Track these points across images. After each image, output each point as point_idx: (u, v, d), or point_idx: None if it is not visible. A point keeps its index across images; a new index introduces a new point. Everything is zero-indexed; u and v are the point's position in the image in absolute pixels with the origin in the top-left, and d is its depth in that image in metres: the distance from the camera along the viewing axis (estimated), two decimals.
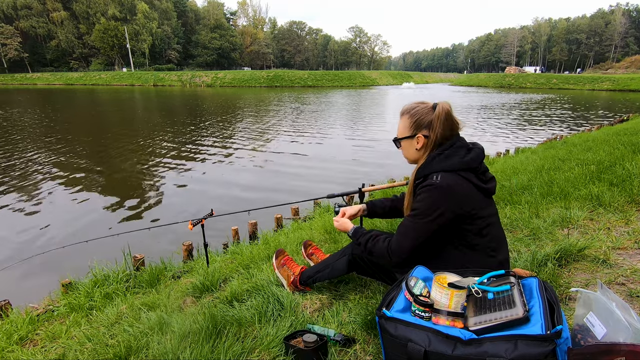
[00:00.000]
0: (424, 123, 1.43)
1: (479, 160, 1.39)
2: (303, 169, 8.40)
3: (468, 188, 1.35)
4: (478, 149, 1.43)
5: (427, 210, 1.34)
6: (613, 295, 1.11)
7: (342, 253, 1.73)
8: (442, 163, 1.37)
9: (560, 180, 3.34)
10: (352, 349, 1.42)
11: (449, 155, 1.38)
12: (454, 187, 1.33)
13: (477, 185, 1.37)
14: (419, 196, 1.39)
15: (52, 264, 4.26)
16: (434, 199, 1.33)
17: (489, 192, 1.42)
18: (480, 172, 1.40)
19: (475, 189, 1.37)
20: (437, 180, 1.34)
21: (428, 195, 1.34)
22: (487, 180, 1.43)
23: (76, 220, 5.51)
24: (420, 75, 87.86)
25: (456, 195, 1.33)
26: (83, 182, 7.28)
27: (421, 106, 1.46)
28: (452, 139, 1.42)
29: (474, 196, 1.36)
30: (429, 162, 1.41)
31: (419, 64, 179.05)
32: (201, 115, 18.32)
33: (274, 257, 1.98)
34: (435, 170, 1.37)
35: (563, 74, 62.13)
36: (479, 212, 1.36)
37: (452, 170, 1.35)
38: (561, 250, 1.96)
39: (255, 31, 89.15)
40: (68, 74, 59.97)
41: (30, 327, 2.10)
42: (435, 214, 1.33)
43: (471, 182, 1.36)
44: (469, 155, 1.38)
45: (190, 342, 1.42)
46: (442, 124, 1.39)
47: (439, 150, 1.41)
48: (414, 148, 1.48)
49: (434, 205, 1.33)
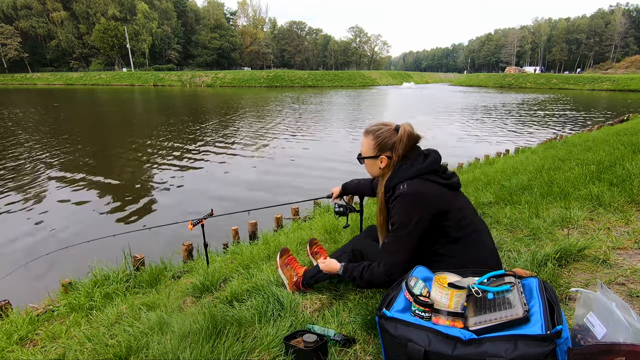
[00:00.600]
0: (388, 145, 1.53)
1: (437, 163, 1.50)
2: (303, 169, 8.41)
3: (435, 188, 1.45)
4: (434, 152, 1.54)
5: (405, 220, 1.42)
6: (613, 295, 1.11)
7: (342, 251, 1.75)
8: (406, 172, 1.47)
9: (560, 180, 3.34)
10: (352, 349, 1.42)
11: (411, 165, 1.48)
12: (422, 191, 1.42)
13: (439, 182, 1.46)
14: (393, 210, 1.47)
15: (52, 264, 4.26)
16: (408, 208, 1.42)
17: (453, 186, 1.51)
18: (440, 171, 1.50)
19: (440, 185, 1.46)
20: (404, 189, 1.43)
21: (401, 205, 1.43)
22: (448, 177, 1.52)
23: (76, 220, 5.51)
24: (420, 75, 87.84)
25: (426, 198, 1.42)
26: (83, 182, 7.28)
27: (384, 128, 1.55)
28: (412, 151, 1.52)
29: (442, 193, 1.45)
30: (394, 174, 1.50)
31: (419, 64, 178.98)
32: (201, 116, 18.33)
33: (278, 256, 1.98)
34: (401, 179, 1.46)
35: (563, 74, 62.13)
36: (451, 207, 1.45)
37: (416, 176, 1.45)
38: (561, 250, 1.96)
39: (255, 31, 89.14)
40: (68, 74, 59.93)
41: (30, 327, 2.09)
42: (414, 221, 1.41)
43: (435, 182, 1.45)
44: (427, 160, 1.49)
45: (190, 342, 1.42)
46: (404, 145, 1.49)
47: (400, 162, 1.51)
48: (378, 167, 1.57)
49: (410, 214, 1.41)
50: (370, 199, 4.57)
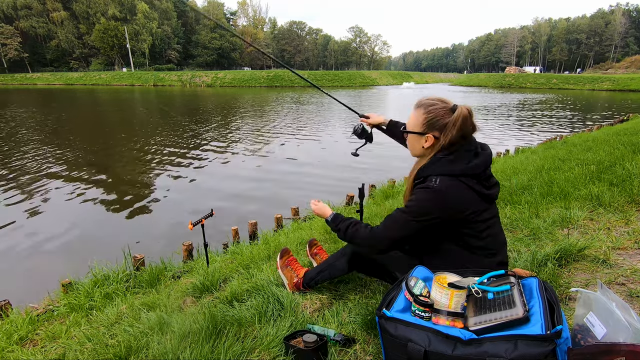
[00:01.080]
0: (438, 124, 1.37)
1: (483, 167, 1.35)
2: (303, 169, 8.41)
3: (467, 194, 1.32)
4: (486, 154, 1.38)
5: (417, 210, 1.34)
6: (613, 295, 1.11)
7: (342, 253, 1.73)
8: (445, 167, 1.33)
9: (560, 180, 3.34)
10: (352, 349, 1.42)
11: (454, 160, 1.34)
12: (449, 193, 1.31)
13: (478, 191, 1.34)
14: (414, 195, 1.38)
15: (52, 264, 4.26)
16: (426, 202, 1.33)
17: (490, 197, 1.38)
18: (483, 178, 1.36)
19: (476, 194, 1.33)
20: (435, 184, 1.32)
21: (423, 196, 1.34)
22: (490, 186, 1.39)
23: (76, 220, 5.51)
24: (420, 75, 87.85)
25: (450, 201, 1.31)
26: (83, 182, 7.28)
27: (439, 105, 1.38)
28: (463, 142, 1.36)
29: (472, 201, 1.33)
30: (432, 163, 1.37)
31: (419, 64, 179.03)
32: (201, 116, 18.33)
33: (279, 257, 1.97)
34: (436, 173, 1.34)
35: (563, 74, 62.15)
36: (477, 217, 1.34)
37: (453, 175, 1.32)
38: (561, 250, 1.96)
39: (255, 31, 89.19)
40: (68, 74, 59.93)
41: (30, 327, 2.09)
42: (423, 217, 1.33)
43: (472, 188, 1.33)
44: (474, 160, 1.34)
45: (190, 342, 1.42)
46: (456, 130, 1.33)
47: (445, 152, 1.36)
48: (421, 145, 1.43)
49: (424, 209, 1.33)
50: (370, 200, 4.58)
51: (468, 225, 1.35)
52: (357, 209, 2.17)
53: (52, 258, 4.43)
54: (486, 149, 1.41)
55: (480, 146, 1.40)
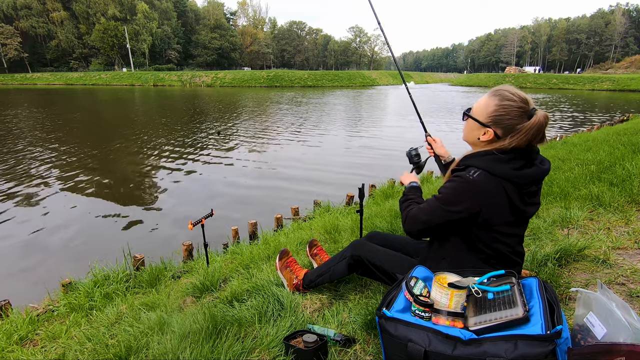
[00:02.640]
0: (505, 124, 1.25)
1: (531, 180, 1.25)
2: (303, 169, 8.41)
3: (500, 199, 1.23)
4: (542, 168, 1.27)
5: (449, 199, 1.28)
6: (613, 295, 1.11)
7: (341, 256, 1.72)
8: (491, 164, 1.24)
9: (560, 180, 3.34)
10: (352, 349, 1.42)
11: (504, 161, 1.24)
12: (484, 188, 1.23)
13: (513, 201, 1.24)
14: (450, 182, 1.32)
15: (52, 264, 4.26)
16: (458, 192, 1.26)
17: (522, 214, 1.28)
18: (526, 191, 1.25)
19: (509, 203, 1.24)
20: (472, 176, 1.24)
21: (456, 185, 1.27)
22: (529, 204, 1.29)
23: (76, 220, 5.51)
24: (420, 75, 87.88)
25: (480, 197, 1.23)
26: (83, 182, 7.28)
27: (516, 104, 1.24)
28: (525, 150, 1.25)
29: (501, 208, 1.25)
30: (480, 155, 1.29)
31: (419, 64, 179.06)
32: (201, 116, 18.33)
33: (278, 258, 1.96)
34: (478, 165, 1.26)
35: (563, 74, 62.17)
36: (498, 227, 1.27)
37: (495, 175, 1.23)
38: (561, 250, 1.96)
39: (255, 31, 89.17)
40: (68, 74, 59.91)
41: (30, 327, 2.09)
42: (454, 207, 1.26)
43: (508, 195, 1.23)
44: (525, 170, 1.24)
45: (190, 342, 1.42)
46: (526, 137, 1.21)
47: (499, 151, 1.26)
48: (477, 136, 1.33)
49: (456, 198, 1.26)
50: (370, 200, 4.58)
51: (484, 229, 1.28)
52: (357, 209, 2.17)
53: (52, 258, 4.43)
54: (544, 163, 1.29)
55: (540, 159, 1.29)
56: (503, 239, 1.30)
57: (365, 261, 1.63)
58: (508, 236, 1.31)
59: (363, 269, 1.68)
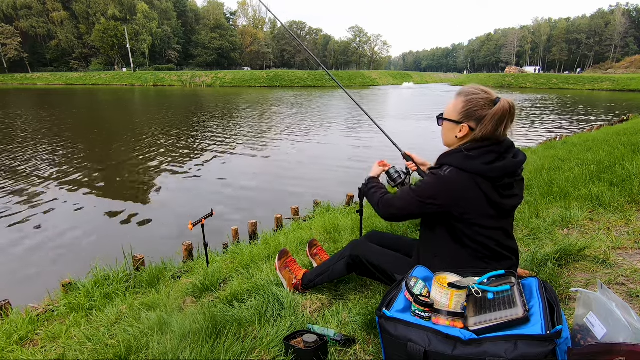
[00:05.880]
0: (475, 115, 1.31)
1: (502, 172, 1.27)
2: (303, 169, 8.41)
3: (473, 193, 1.27)
4: (513, 161, 1.30)
5: (423, 192, 1.34)
6: (613, 295, 1.11)
7: (340, 256, 1.72)
8: (462, 161, 1.29)
9: (560, 180, 3.34)
10: (352, 349, 1.42)
11: (473, 157, 1.28)
12: (454, 185, 1.28)
13: (487, 195, 1.27)
14: (425, 177, 1.42)
15: (52, 264, 4.26)
16: (431, 187, 1.33)
17: (500, 207, 1.30)
18: (500, 184, 1.28)
19: (484, 197, 1.27)
20: (444, 173, 1.30)
21: (429, 181, 1.35)
22: (506, 196, 1.31)
23: (76, 220, 5.51)
24: (420, 75, 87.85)
25: (453, 192, 1.28)
26: (83, 183, 7.28)
27: (480, 95, 1.32)
28: (492, 140, 1.30)
29: (476, 202, 1.28)
30: (452, 153, 1.34)
31: (419, 64, 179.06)
32: (201, 116, 18.32)
33: (277, 258, 1.96)
34: (451, 163, 1.31)
35: (563, 74, 62.17)
36: (475, 220, 1.30)
37: (466, 171, 1.28)
38: (561, 250, 1.96)
39: (255, 31, 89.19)
40: (68, 74, 59.90)
41: (30, 327, 2.09)
42: (427, 200, 1.33)
43: (481, 190, 1.27)
44: (495, 163, 1.27)
45: (190, 342, 1.42)
46: (494, 124, 1.27)
47: (469, 146, 1.31)
48: (454, 135, 1.38)
49: (428, 192, 1.33)
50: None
51: (463, 225, 1.33)
52: (357, 209, 2.17)
53: (52, 258, 4.43)
54: (518, 156, 1.33)
55: (513, 152, 1.32)
56: (486, 233, 1.33)
57: (364, 261, 1.63)
58: (490, 229, 1.33)
59: (362, 269, 1.68)
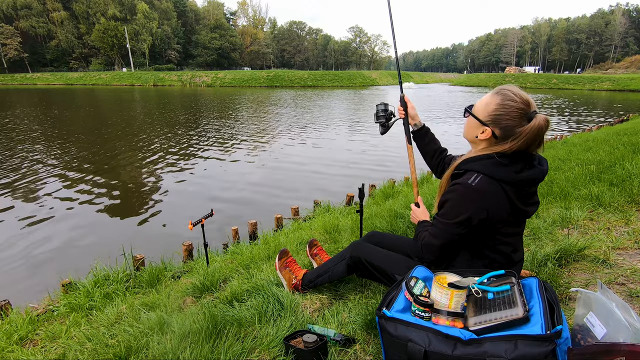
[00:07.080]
0: (503, 125, 1.24)
1: (531, 181, 1.25)
2: (303, 169, 8.40)
3: (502, 201, 1.23)
4: (540, 169, 1.26)
5: (452, 211, 1.27)
6: (613, 295, 1.11)
7: (341, 257, 1.72)
8: (492, 168, 1.23)
9: (560, 180, 3.34)
10: (352, 349, 1.42)
11: (505, 165, 1.23)
12: (486, 193, 1.23)
13: (514, 203, 1.25)
14: (448, 193, 1.30)
15: (52, 264, 4.26)
16: (460, 201, 1.26)
17: (523, 214, 1.30)
18: (525, 192, 1.27)
19: (510, 205, 1.25)
20: (473, 182, 1.23)
21: (456, 195, 1.27)
22: (529, 204, 1.30)
23: (76, 220, 5.51)
24: (420, 75, 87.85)
25: (485, 201, 1.23)
26: (83, 183, 7.27)
27: (516, 105, 1.23)
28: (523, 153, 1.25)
29: (503, 211, 1.25)
30: (480, 159, 1.28)
31: (418, 64, 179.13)
32: (201, 116, 18.32)
33: (277, 258, 1.96)
34: (478, 170, 1.25)
35: (563, 74, 62.15)
36: (501, 229, 1.28)
37: (495, 179, 1.23)
38: (561, 250, 1.96)
39: (255, 31, 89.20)
40: (68, 74, 59.91)
41: (30, 327, 2.09)
42: (459, 218, 1.25)
43: (509, 197, 1.23)
44: (526, 172, 1.24)
45: (190, 342, 1.42)
46: (527, 141, 1.21)
47: (499, 154, 1.25)
48: (476, 134, 1.33)
49: (459, 208, 1.26)
50: (370, 200, 4.57)
51: (488, 233, 1.29)
52: (357, 209, 2.17)
53: (51, 258, 4.43)
54: (543, 164, 1.29)
55: (538, 160, 1.29)
56: (505, 239, 1.32)
57: (365, 262, 1.62)
58: (510, 236, 1.32)
59: (362, 270, 1.67)
